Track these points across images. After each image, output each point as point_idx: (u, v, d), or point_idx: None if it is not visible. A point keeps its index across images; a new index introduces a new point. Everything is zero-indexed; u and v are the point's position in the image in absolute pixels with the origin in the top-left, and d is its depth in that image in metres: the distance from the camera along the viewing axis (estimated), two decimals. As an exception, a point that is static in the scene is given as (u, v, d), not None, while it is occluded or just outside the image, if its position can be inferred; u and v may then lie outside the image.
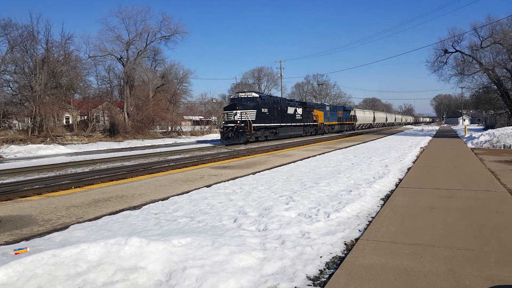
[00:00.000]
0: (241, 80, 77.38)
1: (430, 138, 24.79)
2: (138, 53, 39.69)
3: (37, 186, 8.46)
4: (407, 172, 9.07)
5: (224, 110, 26.38)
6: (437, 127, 59.58)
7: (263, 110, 26.06)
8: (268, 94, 27.77)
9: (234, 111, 24.41)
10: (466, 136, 24.85)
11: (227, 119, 24.67)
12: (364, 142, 22.14)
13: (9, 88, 33.41)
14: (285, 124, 29.65)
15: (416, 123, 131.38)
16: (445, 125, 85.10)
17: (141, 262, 3.30)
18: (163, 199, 6.47)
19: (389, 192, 6.73)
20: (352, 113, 52.60)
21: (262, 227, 4.53)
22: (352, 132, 45.95)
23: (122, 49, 38.68)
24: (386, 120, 79.80)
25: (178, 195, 6.81)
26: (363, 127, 59.64)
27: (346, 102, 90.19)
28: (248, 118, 24.08)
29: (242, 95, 26.74)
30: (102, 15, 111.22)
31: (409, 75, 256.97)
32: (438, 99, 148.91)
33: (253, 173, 9.51)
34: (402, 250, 3.60)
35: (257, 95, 26.29)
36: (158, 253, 3.43)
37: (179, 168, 11.70)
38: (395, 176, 8.40)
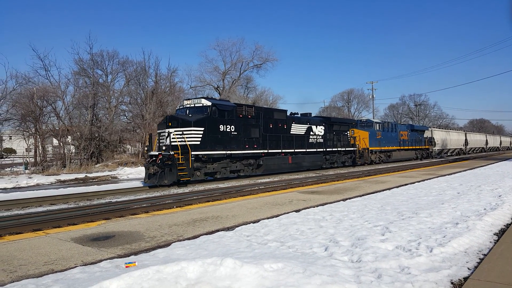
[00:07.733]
0: (329, 103, 76.16)
1: (558, 164, 21.01)
2: (233, 82, 42.73)
3: (144, 205, 9.45)
4: (529, 205, 7.79)
5: (157, 129, 16.39)
6: None
7: (221, 127, 15.93)
8: (252, 103, 17.34)
9: (166, 131, 14.89)
10: None
11: (158, 143, 15.63)
12: (471, 169, 19.81)
13: (125, 117, 38.58)
14: (279, 150, 18.99)
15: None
16: None
17: (235, 284, 3.41)
18: (254, 222, 6.65)
19: (503, 226, 5.89)
20: (427, 134, 37.95)
21: (355, 258, 4.31)
22: (427, 161, 32.27)
23: (219, 79, 42.23)
24: (486, 143, 61.40)
25: (268, 218, 6.92)
26: (449, 153, 44.25)
27: (448, 123, 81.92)
28: (185, 141, 14.48)
29: (187, 103, 16.45)
30: (202, 49, 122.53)
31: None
32: None
33: (344, 200, 9.19)
34: (526, 298, 3.07)
35: (209, 103, 15.80)
36: (251, 276, 3.51)
37: (268, 191, 11.93)
38: (511, 208, 7.30)
